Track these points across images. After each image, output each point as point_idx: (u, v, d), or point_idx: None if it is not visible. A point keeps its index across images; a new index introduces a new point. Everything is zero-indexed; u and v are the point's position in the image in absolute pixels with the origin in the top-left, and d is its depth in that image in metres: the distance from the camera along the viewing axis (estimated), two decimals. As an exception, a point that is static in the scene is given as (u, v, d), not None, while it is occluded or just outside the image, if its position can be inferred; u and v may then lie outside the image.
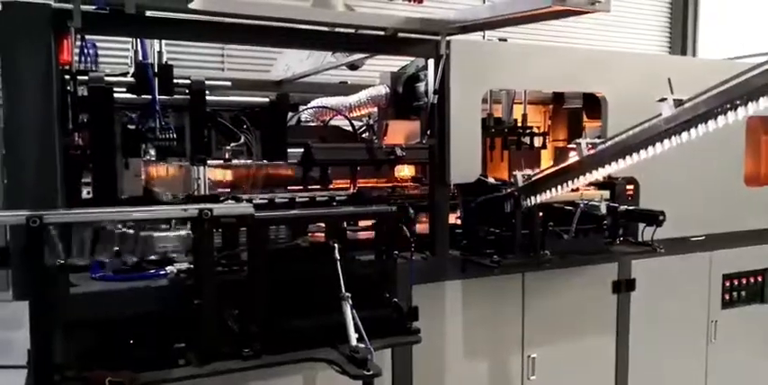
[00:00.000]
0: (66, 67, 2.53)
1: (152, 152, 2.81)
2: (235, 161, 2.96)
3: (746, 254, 4.14)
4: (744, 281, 4.16)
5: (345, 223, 2.78)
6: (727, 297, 4.10)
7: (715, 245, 3.98)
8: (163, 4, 2.46)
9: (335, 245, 2.43)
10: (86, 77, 2.69)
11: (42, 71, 2.28)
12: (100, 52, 3.19)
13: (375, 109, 3.96)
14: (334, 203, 2.60)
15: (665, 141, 2.39)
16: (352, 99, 3.89)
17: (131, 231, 2.58)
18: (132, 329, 2.37)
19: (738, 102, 2.14)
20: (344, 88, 4.46)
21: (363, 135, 4.18)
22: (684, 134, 2.31)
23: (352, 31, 2.99)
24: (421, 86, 3.44)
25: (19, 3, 2.30)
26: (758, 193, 4.14)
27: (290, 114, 3.54)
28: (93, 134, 2.67)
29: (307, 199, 2.56)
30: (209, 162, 2.83)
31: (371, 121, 4.19)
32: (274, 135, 3.01)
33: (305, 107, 4.04)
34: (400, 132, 3.89)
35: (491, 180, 3.24)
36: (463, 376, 3.21)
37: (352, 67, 4.37)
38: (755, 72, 2.08)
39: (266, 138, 3.03)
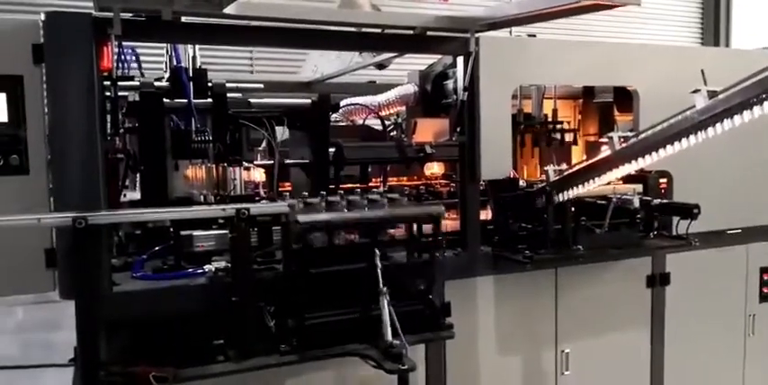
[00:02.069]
0: (106, 74, 2.61)
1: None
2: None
3: (784, 247, 4.06)
4: (782, 274, 4.09)
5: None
6: (765, 290, 4.03)
7: (752, 237, 3.92)
8: (198, 10, 2.52)
9: (375, 250, 2.44)
10: (136, 83, 2.81)
11: (85, 78, 2.36)
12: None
13: (403, 107, 3.99)
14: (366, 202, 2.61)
15: (699, 133, 2.36)
16: (381, 98, 3.92)
17: (171, 231, 2.67)
18: (173, 326, 2.44)
19: (775, 92, 2.12)
20: (373, 88, 4.49)
21: (392, 133, 4.21)
22: (719, 126, 2.29)
23: (380, 30, 3.02)
24: (449, 84, 3.45)
25: (62, 12, 2.39)
26: (795, 185, 4.06)
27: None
28: (144, 137, 2.79)
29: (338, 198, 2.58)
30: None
31: (400, 120, 4.22)
32: (317, 135, 3.07)
33: (343, 105, 4.08)
34: (429, 130, 3.91)
35: (522, 182, 3.24)
36: (497, 371, 3.22)
37: (380, 66, 4.39)
38: (791, 61, 2.06)
39: (310, 137, 3.11)
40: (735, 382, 4.00)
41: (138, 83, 2.89)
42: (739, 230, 3.86)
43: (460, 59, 3.11)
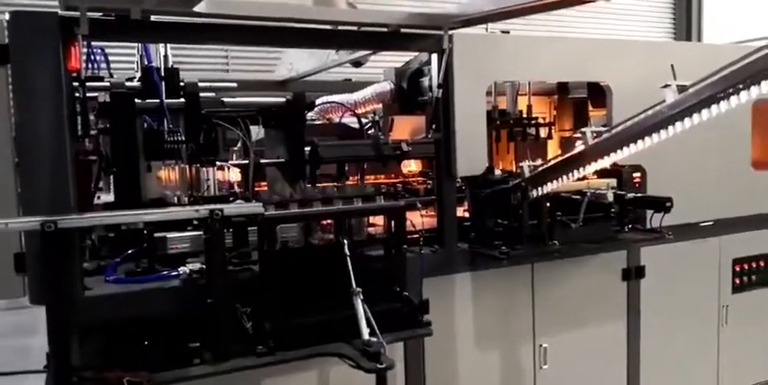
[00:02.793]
0: (75, 74, 2.57)
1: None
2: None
3: (756, 238, 4.14)
4: (754, 265, 4.16)
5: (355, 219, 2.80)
6: (737, 281, 4.10)
7: (724, 230, 3.99)
8: (168, 9, 2.48)
9: (345, 241, 2.47)
10: (106, 84, 2.76)
11: (52, 79, 2.31)
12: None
13: (380, 105, 3.98)
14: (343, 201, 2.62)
15: (670, 128, 2.39)
16: (357, 96, 3.91)
17: (145, 233, 2.63)
18: (148, 330, 2.41)
19: (741, 86, 2.14)
20: (349, 86, 4.47)
21: (369, 131, 4.20)
22: (688, 120, 2.32)
23: (355, 28, 3.01)
24: (425, 81, 3.45)
25: (27, 11, 2.33)
26: (765, 177, 4.12)
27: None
28: (116, 139, 2.75)
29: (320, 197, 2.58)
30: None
31: (377, 118, 4.22)
32: (293, 133, 3.05)
33: (319, 103, 4.06)
34: (406, 127, 3.91)
35: (497, 172, 3.25)
36: (476, 367, 3.24)
37: (357, 64, 4.38)
38: (757, 55, 2.08)
39: (286, 136, 3.08)
40: (709, 372, 4.07)
41: (108, 83, 2.85)
42: (712, 223, 3.93)
43: (435, 56, 3.11)
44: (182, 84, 2.93)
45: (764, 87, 2.10)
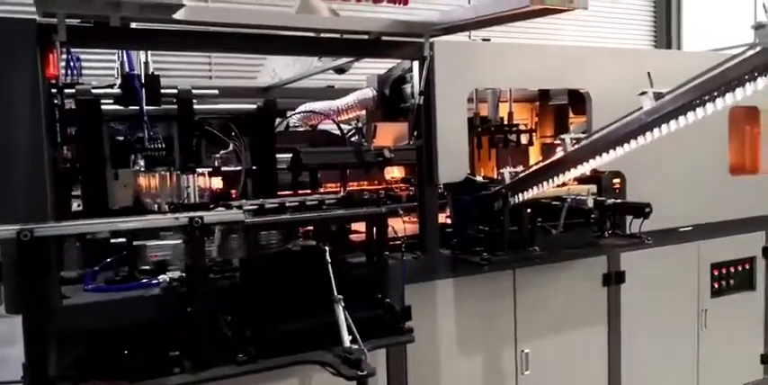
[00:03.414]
0: (53, 81, 2.54)
1: (141, 162, 2.83)
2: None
3: (733, 242, 4.20)
4: (732, 269, 4.22)
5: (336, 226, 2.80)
6: (716, 285, 4.16)
7: (702, 235, 4.04)
8: (147, 16, 2.47)
9: (326, 248, 2.46)
10: (73, 90, 2.73)
11: (29, 85, 2.30)
12: (87, 64, 3.22)
13: (363, 112, 3.99)
14: (324, 207, 2.62)
15: (648, 134, 2.43)
16: (340, 103, 3.92)
17: (124, 241, 2.60)
18: (127, 339, 2.39)
19: (716, 93, 2.19)
20: (332, 92, 4.48)
21: (353, 138, 4.21)
22: (666, 126, 2.36)
23: (338, 35, 3.02)
24: (407, 88, 3.47)
25: (4, 18, 2.32)
26: (742, 183, 4.20)
27: (278, 120, 3.58)
28: (82, 146, 2.71)
29: (297, 203, 2.58)
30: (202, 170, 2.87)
31: (360, 124, 4.23)
32: (263, 141, 3.04)
33: (293, 112, 4.07)
34: (389, 134, 3.93)
35: (479, 178, 3.27)
36: (458, 373, 3.24)
37: (340, 70, 4.39)
38: (731, 63, 2.13)
39: (255, 144, 3.07)
40: (689, 375, 4.11)
41: (74, 90, 2.81)
42: (690, 228, 3.98)
43: (416, 64, 3.13)
44: (175, 91, 2.90)
45: (738, 95, 2.14)
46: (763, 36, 1.99)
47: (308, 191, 3.16)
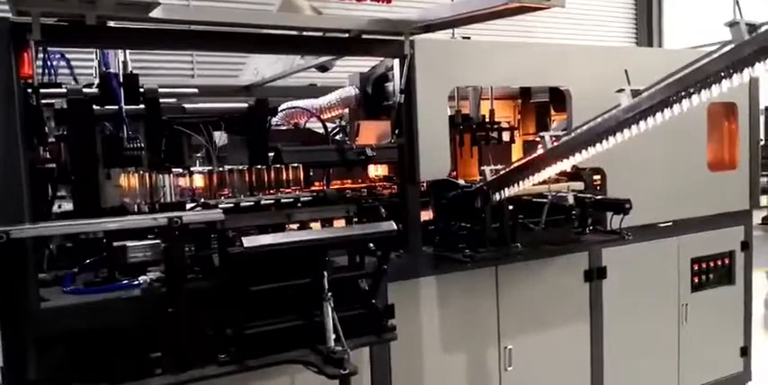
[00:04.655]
0: (29, 81, 2.51)
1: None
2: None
3: (712, 237, 4.25)
4: (711, 264, 4.27)
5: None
6: (696, 280, 4.21)
7: (682, 230, 4.08)
8: (123, 15, 2.45)
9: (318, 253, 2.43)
10: (63, 90, 2.70)
11: (3, 85, 2.26)
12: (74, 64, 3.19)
13: (346, 110, 3.98)
14: (299, 205, 2.61)
15: (626, 131, 2.45)
16: (322, 101, 3.91)
17: (104, 242, 2.58)
18: (108, 341, 2.36)
19: (692, 90, 2.21)
20: (314, 91, 4.47)
21: (336, 137, 4.20)
22: (644, 123, 2.38)
23: (320, 34, 3.02)
24: (390, 86, 3.47)
25: (-25, 18, 2.28)
26: (721, 178, 4.25)
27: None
28: (74, 146, 2.69)
29: (272, 201, 2.57)
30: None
31: (343, 123, 4.22)
32: (255, 139, 3.03)
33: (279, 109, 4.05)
34: (373, 132, 3.92)
35: (461, 182, 3.28)
36: (442, 370, 3.26)
37: (323, 68, 4.38)
38: (706, 61, 2.15)
39: (248, 142, 3.06)
40: (671, 370, 4.15)
41: (65, 90, 2.80)
42: (670, 223, 4.02)
43: (397, 62, 3.13)
44: (141, 90, 2.89)
45: (714, 91, 2.17)
46: (737, 33, 2.02)
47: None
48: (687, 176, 4.06)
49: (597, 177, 3.65)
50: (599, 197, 3.40)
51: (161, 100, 2.92)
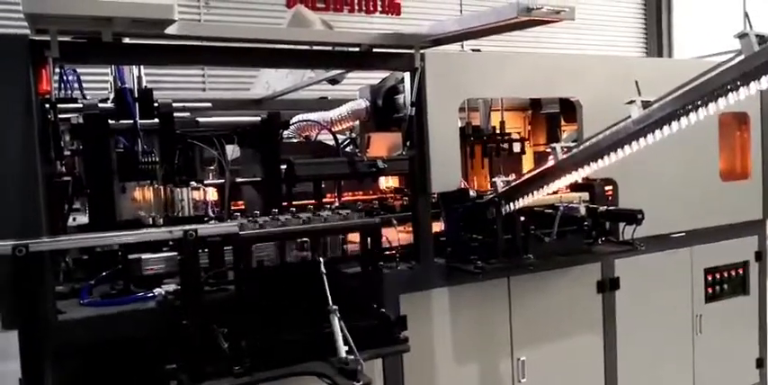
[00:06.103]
0: (47, 97, 2.56)
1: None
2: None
3: (726, 247, 4.23)
4: (725, 274, 4.24)
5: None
6: (710, 290, 4.18)
7: (695, 240, 4.06)
8: (139, 31, 2.50)
9: (321, 259, 2.47)
10: (79, 105, 2.75)
11: (22, 102, 2.31)
12: (85, 78, 3.24)
13: (357, 122, 4.01)
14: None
15: (637, 142, 2.46)
16: (333, 113, 3.94)
17: (119, 254, 2.62)
18: (123, 353, 2.39)
19: (701, 102, 2.22)
20: (325, 103, 4.51)
21: (347, 149, 4.23)
22: (654, 134, 2.39)
23: (330, 48, 3.05)
24: (400, 98, 3.49)
25: (-4, 35, 2.34)
26: (733, 188, 4.23)
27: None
28: (90, 160, 2.73)
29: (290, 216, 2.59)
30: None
31: (354, 135, 4.25)
32: (268, 152, 3.07)
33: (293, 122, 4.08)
34: (383, 144, 3.94)
35: (472, 193, 3.29)
36: (454, 382, 3.25)
37: (333, 81, 4.41)
38: (715, 72, 2.16)
39: (261, 155, 3.09)
40: (686, 382, 4.11)
41: (81, 105, 2.85)
42: (683, 234, 4.00)
43: (407, 75, 3.16)
44: (155, 104, 2.93)
45: (721, 104, 2.18)
46: (747, 45, 2.03)
47: (310, 201, 3.17)
48: (699, 186, 4.04)
49: (609, 188, 3.64)
50: (611, 207, 3.40)
51: (174, 114, 2.97)
